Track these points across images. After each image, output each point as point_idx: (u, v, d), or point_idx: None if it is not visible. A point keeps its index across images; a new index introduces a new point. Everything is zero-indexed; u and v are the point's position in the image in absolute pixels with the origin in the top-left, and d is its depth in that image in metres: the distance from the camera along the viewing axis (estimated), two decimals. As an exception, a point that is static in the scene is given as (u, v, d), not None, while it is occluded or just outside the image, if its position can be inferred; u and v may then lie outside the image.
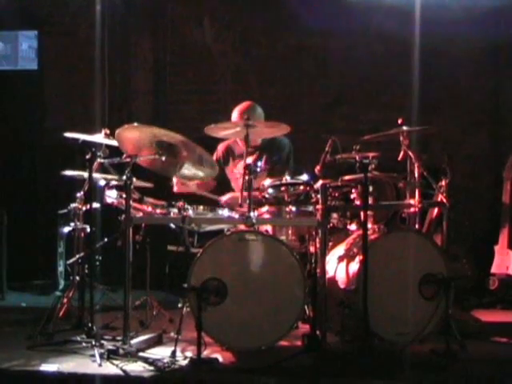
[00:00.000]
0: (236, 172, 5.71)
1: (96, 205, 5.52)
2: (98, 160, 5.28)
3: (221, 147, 6.10)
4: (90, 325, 4.97)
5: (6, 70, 8.43)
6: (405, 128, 5.20)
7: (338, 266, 5.10)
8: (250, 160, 5.06)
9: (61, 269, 7.23)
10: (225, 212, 5.16)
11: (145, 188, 5.50)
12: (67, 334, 5.14)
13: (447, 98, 7.84)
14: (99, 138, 5.49)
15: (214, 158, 5.96)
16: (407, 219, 5.28)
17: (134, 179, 4.96)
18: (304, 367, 4.54)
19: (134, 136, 5.11)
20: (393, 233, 5.04)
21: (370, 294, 4.56)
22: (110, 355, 4.65)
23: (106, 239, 5.79)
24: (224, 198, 5.67)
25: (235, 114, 5.88)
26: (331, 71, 8.00)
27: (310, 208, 5.09)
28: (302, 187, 5.16)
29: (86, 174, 5.33)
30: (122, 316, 4.88)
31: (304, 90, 8.05)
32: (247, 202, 4.87)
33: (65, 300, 5.58)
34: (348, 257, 5.05)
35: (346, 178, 5.07)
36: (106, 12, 7.96)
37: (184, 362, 4.61)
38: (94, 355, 4.65)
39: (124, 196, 4.95)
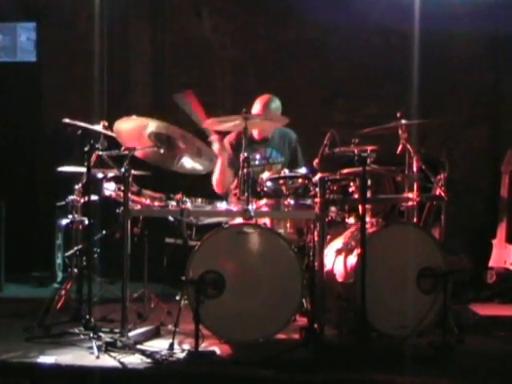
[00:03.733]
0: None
1: (94, 197, 5.51)
2: (96, 152, 5.27)
3: (229, 140, 6.00)
4: (87, 317, 4.97)
5: (5, 62, 8.42)
6: (403, 121, 5.19)
7: (336, 259, 5.09)
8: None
9: (59, 261, 7.23)
10: (223, 205, 5.17)
11: (143, 180, 5.49)
12: (65, 326, 5.14)
13: (446, 92, 7.83)
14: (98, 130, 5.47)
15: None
16: (405, 213, 5.28)
17: (133, 171, 4.96)
18: (302, 360, 4.54)
19: (133, 128, 5.10)
20: (391, 226, 5.04)
21: (368, 288, 4.56)
22: (108, 347, 4.66)
23: (104, 232, 5.79)
24: None
25: (257, 107, 5.89)
26: (330, 64, 7.98)
27: (309, 201, 5.09)
28: (300, 180, 5.16)
29: (83, 168, 5.32)
30: (120, 308, 4.88)
31: (303, 83, 8.04)
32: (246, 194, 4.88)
33: (63, 292, 5.58)
34: (346, 250, 5.05)
35: (345, 171, 5.06)
36: (104, 4, 7.95)
37: (182, 355, 4.62)
38: (91, 347, 4.66)
39: (122, 188, 4.95)
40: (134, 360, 4.52)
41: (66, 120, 5.39)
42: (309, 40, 8.04)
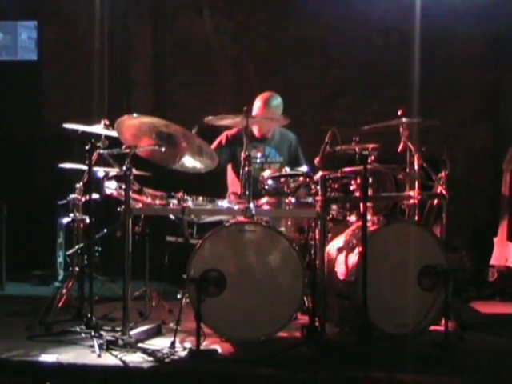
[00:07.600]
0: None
1: (95, 196, 5.51)
2: (98, 151, 5.28)
3: (228, 134, 6.02)
4: (89, 315, 4.97)
5: (6, 61, 8.43)
6: (404, 120, 5.19)
7: (338, 258, 5.10)
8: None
9: (60, 259, 7.24)
10: (224, 203, 5.17)
11: (144, 178, 5.49)
12: (66, 324, 5.15)
13: (447, 90, 7.83)
14: (99, 128, 5.48)
15: (217, 143, 5.98)
16: (406, 211, 5.28)
17: (134, 170, 4.96)
18: (303, 358, 4.54)
19: (134, 127, 5.10)
20: (392, 224, 5.03)
21: (369, 286, 4.56)
22: (110, 346, 4.65)
23: (105, 230, 5.78)
24: None
25: (257, 104, 5.96)
26: (331, 63, 7.99)
27: (310, 199, 5.09)
28: (301, 178, 5.16)
29: (84, 166, 5.33)
30: (122, 307, 4.88)
31: (304, 82, 8.04)
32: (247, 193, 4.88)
33: (64, 291, 5.59)
34: (347, 248, 5.05)
35: (346, 169, 5.06)
36: (105, 3, 7.95)
37: (183, 353, 4.61)
38: (93, 346, 4.66)
39: (123, 187, 4.95)
40: (136, 358, 4.51)
41: (66, 125, 5.41)
42: (309, 38, 8.05)
